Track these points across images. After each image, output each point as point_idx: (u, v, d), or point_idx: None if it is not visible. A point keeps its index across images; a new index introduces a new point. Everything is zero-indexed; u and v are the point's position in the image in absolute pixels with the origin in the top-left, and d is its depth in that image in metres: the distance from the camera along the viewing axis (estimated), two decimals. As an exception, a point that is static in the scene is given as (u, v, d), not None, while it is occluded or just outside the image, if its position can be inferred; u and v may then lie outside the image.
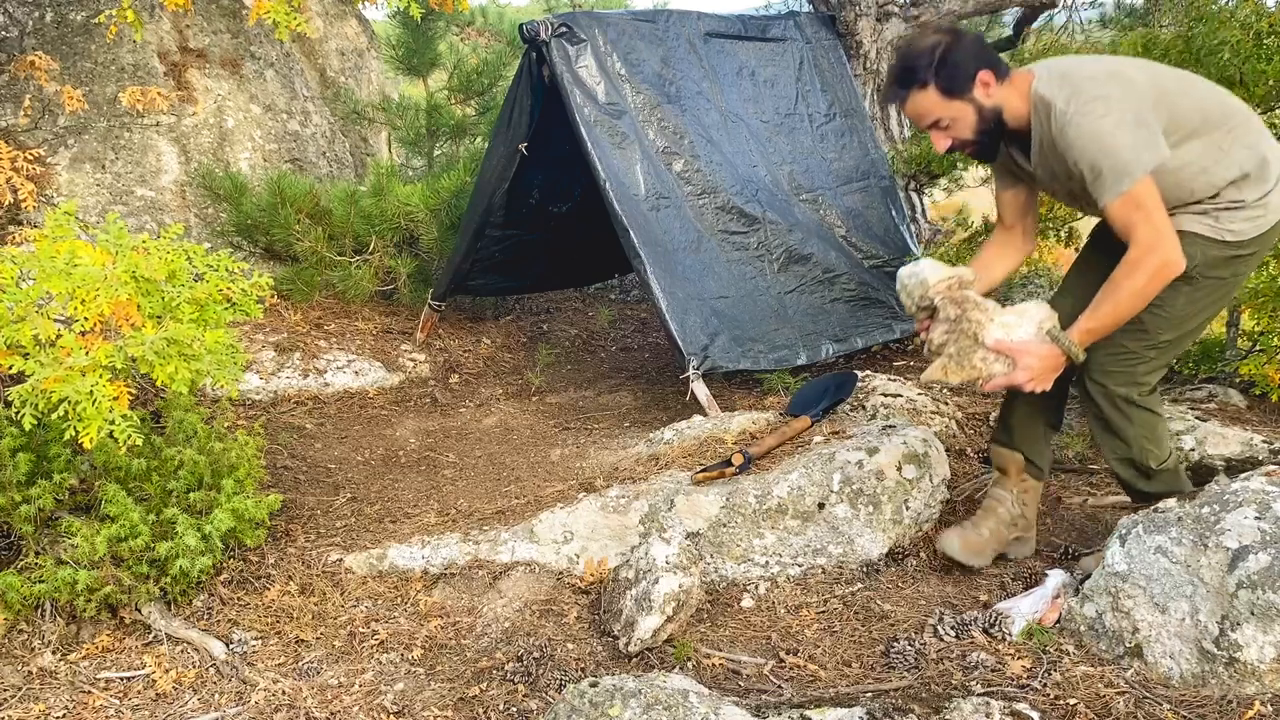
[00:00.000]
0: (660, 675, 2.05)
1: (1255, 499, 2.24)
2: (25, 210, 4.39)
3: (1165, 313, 2.42)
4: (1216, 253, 2.38)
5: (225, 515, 2.67)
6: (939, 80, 2.38)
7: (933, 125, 2.47)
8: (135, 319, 2.37)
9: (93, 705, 2.38)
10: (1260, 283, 3.92)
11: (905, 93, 2.44)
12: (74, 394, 2.21)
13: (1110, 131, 2.26)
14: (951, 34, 2.44)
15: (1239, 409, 3.89)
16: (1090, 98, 2.29)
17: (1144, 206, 2.26)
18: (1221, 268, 2.42)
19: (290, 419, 4.37)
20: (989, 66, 2.40)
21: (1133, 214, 2.27)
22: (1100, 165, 2.27)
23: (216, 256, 2.68)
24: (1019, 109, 2.43)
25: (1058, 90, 2.34)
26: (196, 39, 5.90)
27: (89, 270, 2.34)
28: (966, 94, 2.40)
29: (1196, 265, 2.37)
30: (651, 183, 4.44)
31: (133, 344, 2.30)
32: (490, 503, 3.37)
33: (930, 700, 2.11)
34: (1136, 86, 2.32)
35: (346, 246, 5.43)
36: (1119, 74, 2.35)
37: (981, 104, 2.42)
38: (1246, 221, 2.37)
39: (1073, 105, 2.30)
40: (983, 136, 2.46)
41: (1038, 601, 2.48)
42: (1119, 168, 2.25)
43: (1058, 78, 2.37)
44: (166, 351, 2.33)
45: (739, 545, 2.86)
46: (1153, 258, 2.27)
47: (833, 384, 3.71)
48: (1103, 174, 2.27)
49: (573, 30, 4.44)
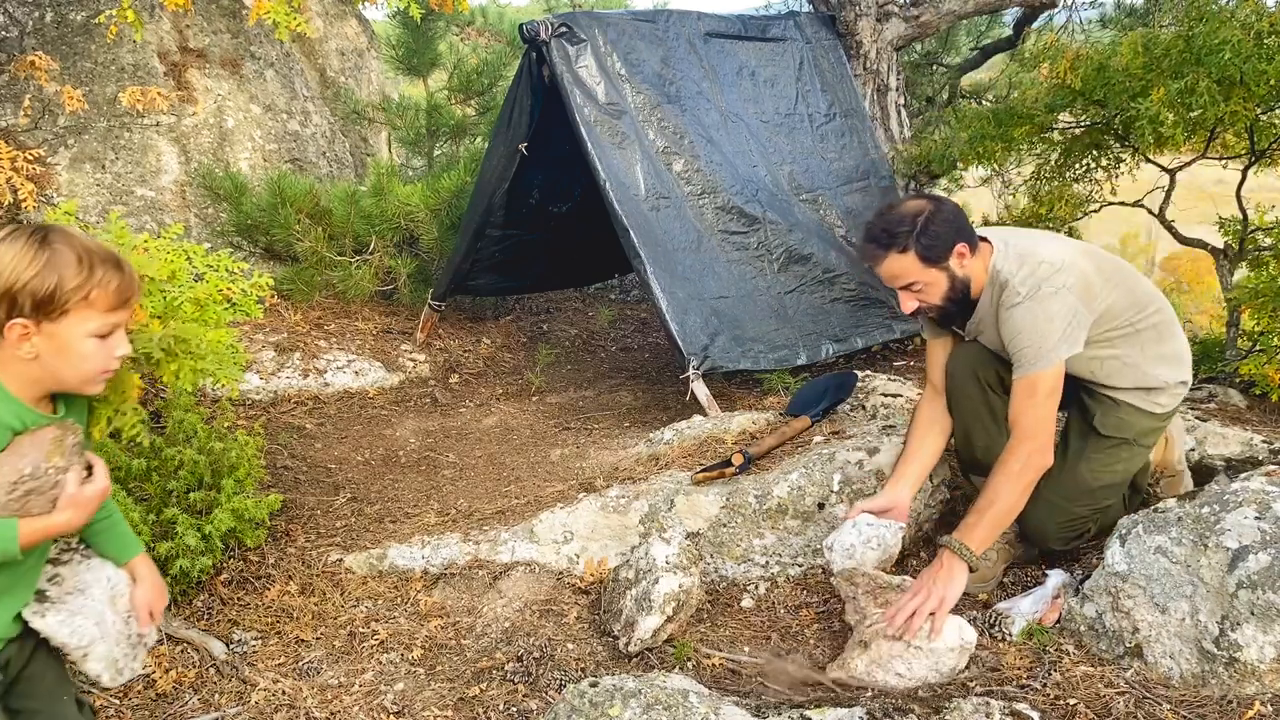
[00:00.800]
0: (660, 675, 2.04)
1: (1255, 499, 2.24)
2: (25, 210, 4.39)
3: (1111, 476, 2.62)
4: (1148, 423, 2.63)
5: (225, 515, 2.68)
6: (919, 247, 2.45)
7: (904, 287, 2.53)
8: (139, 316, 2.37)
9: (92, 705, 2.38)
10: (1260, 283, 3.92)
11: (884, 254, 2.49)
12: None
13: (1048, 320, 2.40)
14: (934, 202, 2.51)
15: (1239, 409, 3.89)
16: (1043, 285, 2.42)
17: (1037, 394, 2.41)
18: (1151, 435, 2.67)
19: (290, 419, 4.37)
20: (965, 239, 2.48)
21: (1026, 399, 2.43)
22: (1025, 345, 2.42)
23: (216, 256, 2.68)
24: (980, 279, 2.54)
25: (1015, 269, 2.47)
26: (196, 39, 5.90)
27: None
28: (943, 263, 2.48)
29: (1136, 433, 2.62)
30: (651, 183, 4.44)
31: (141, 340, 2.30)
32: (490, 503, 3.37)
33: (930, 700, 2.11)
34: (1086, 279, 2.48)
35: (346, 246, 5.43)
36: (1073, 265, 2.48)
37: (955, 274, 2.50)
38: (1170, 398, 2.63)
39: (1026, 288, 2.43)
40: (949, 304, 2.54)
41: (1038, 601, 2.48)
42: (1040, 349, 2.41)
43: (1015, 257, 2.50)
44: (174, 349, 2.33)
45: (739, 545, 2.86)
46: (1025, 446, 2.41)
47: (833, 384, 3.71)
48: (1026, 353, 2.42)
49: (573, 30, 4.44)
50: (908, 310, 2.57)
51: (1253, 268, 4.24)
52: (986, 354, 2.67)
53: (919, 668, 2.25)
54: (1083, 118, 4.68)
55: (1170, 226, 4.73)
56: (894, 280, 2.53)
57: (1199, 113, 3.92)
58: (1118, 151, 4.72)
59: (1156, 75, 4.00)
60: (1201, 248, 4.62)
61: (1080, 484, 2.62)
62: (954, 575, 2.33)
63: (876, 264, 2.53)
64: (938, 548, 2.43)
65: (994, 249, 2.52)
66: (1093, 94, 4.29)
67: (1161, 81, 3.95)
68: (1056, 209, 4.76)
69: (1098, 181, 4.87)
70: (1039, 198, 4.89)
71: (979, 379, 2.68)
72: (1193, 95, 3.85)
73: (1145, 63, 4.05)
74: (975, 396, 2.69)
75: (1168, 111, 3.92)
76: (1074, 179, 4.89)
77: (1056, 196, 4.78)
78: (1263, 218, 4.38)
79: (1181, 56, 3.95)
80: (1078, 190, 4.88)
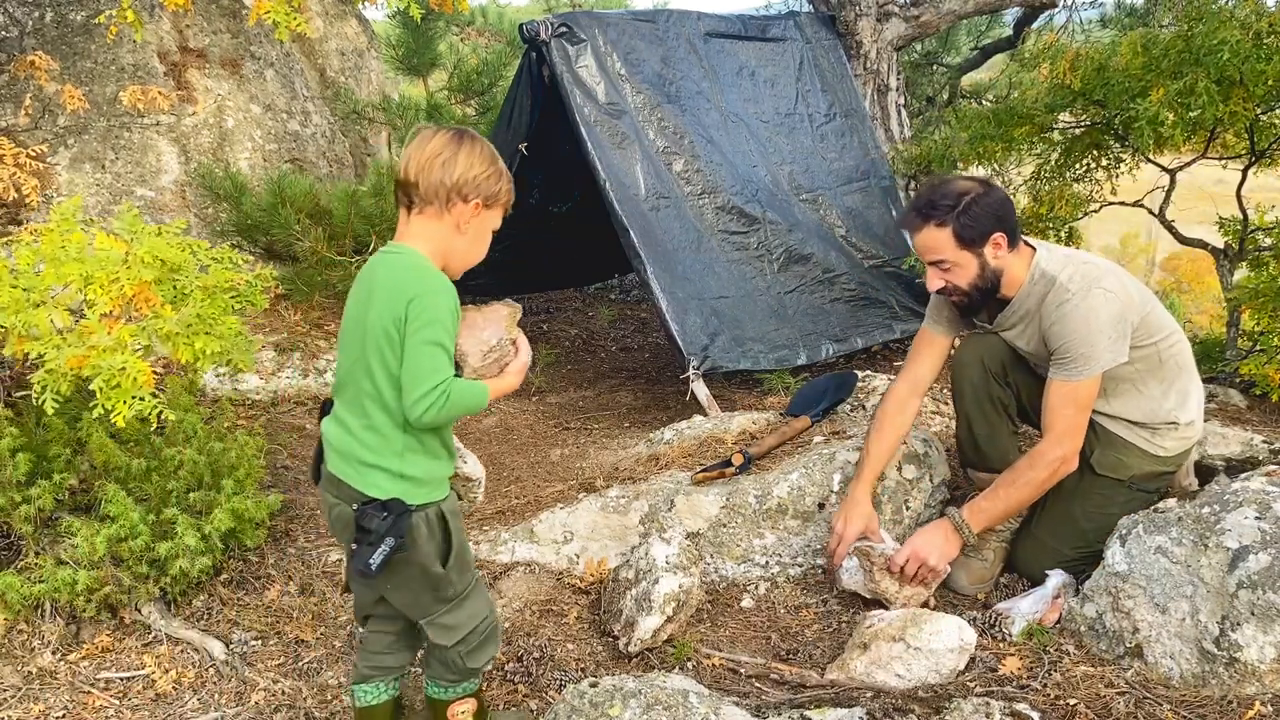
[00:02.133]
0: (660, 675, 2.04)
1: (1255, 499, 2.24)
2: (29, 208, 4.39)
3: (1103, 519, 2.54)
4: (1148, 466, 2.61)
5: (225, 515, 2.67)
6: (957, 225, 2.46)
7: (935, 263, 2.54)
8: (155, 301, 2.39)
9: (92, 705, 2.38)
10: (1260, 282, 3.92)
11: (922, 224, 2.51)
12: (107, 370, 2.20)
13: (1098, 324, 2.41)
14: (985, 187, 2.52)
15: (1239, 409, 3.89)
16: (1095, 285, 2.42)
17: (1077, 402, 2.44)
18: (1151, 482, 2.64)
19: (290, 419, 4.37)
20: (1006, 231, 2.48)
21: (1066, 405, 2.44)
22: (1074, 349, 2.42)
23: (220, 250, 2.71)
24: (1017, 277, 2.53)
25: (1061, 268, 2.48)
26: (196, 39, 5.90)
27: (109, 254, 2.37)
28: (978, 247, 2.48)
29: (1133, 475, 2.60)
30: (651, 183, 4.44)
31: (160, 322, 2.32)
32: (490, 503, 3.37)
33: (930, 700, 2.10)
34: (1126, 289, 2.49)
35: (346, 246, 5.43)
36: (1115, 272, 2.51)
37: (987, 262, 2.50)
38: (1176, 441, 2.60)
39: (1075, 285, 2.44)
40: (975, 292, 2.54)
41: (1038, 601, 2.48)
42: (1089, 357, 2.41)
43: (1061, 258, 2.52)
44: (196, 328, 2.35)
45: (739, 545, 2.86)
46: (1057, 450, 2.45)
47: (833, 384, 3.71)
48: (1073, 358, 2.42)
49: (573, 30, 4.44)
50: (932, 288, 2.57)
51: (1253, 268, 4.24)
52: (999, 345, 2.66)
53: (918, 668, 2.25)
54: (1083, 118, 4.68)
55: (1170, 226, 4.73)
56: (926, 253, 2.54)
57: (1199, 113, 3.91)
58: (1118, 151, 4.72)
59: (1156, 75, 4.00)
60: (1201, 248, 4.62)
61: (1072, 523, 2.60)
62: (950, 545, 2.53)
63: (914, 232, 2.55)
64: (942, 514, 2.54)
65: (1036, 252, 2.53)
66: (1093, 94, 4.28)
67: (1161, 81, 3.95)
68: (1057, 209, 4.75)
69: (1098, 181, 4.87)
70: (1039, 198, 4.89)
71: (984, 365, 2.68)
72: (1192, 95, 3.85)
73: (1145, 63, 4.05)
74: (978, 382, 2.69)
75: (1167, 112, 3.91)
76: (1074, 179, 4.88)
77: (1056, 196, 4.77)
78: (1263, 218, 4.38)
79: (1181, 56, 3.94)
80: (1078, 190, 4.87)
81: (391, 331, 1.72)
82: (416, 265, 1.79)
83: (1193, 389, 2.63)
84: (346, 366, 1.82)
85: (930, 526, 2.60)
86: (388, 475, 1.78)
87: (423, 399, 1.70)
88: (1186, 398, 2.60)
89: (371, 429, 1.78)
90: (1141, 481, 2.62)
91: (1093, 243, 3.11)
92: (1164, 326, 2.56)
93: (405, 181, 1.80)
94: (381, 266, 1.82)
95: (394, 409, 1.76)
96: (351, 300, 1.84)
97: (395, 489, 1.78)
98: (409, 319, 1.71)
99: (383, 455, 1.78)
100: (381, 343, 1.74)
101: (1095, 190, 4.91)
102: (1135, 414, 2.58)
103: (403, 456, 1.79)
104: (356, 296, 1.83)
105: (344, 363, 1.83)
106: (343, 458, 1.82)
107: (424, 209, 1.81)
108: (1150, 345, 2.53)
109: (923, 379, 2.80)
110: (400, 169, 1.81)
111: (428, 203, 1.80)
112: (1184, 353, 2.61)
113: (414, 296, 1.72)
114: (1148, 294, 2.60)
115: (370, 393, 1.77)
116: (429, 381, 1.70)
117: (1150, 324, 2.52)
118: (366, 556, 1.72)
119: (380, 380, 1.75)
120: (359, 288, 1.83)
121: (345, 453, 1.81)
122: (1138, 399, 2.57)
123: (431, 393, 1.70)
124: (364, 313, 1.77)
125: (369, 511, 1.75)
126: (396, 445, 1.79)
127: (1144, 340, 2.51)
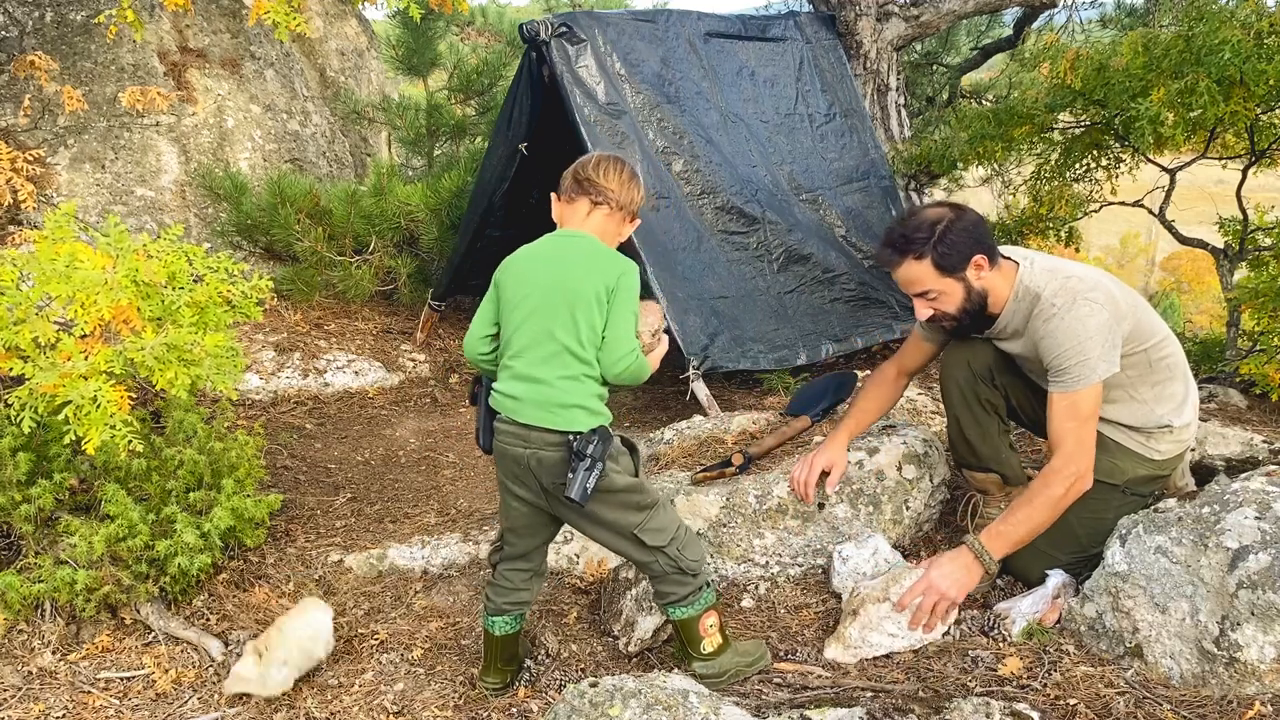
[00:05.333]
0: (660, 675, 2.04)
1: (1255, 499, 2.24)
2: (25, 211, 4.39)
3: (1098, 524, 2.52)
4: (1142, 470, 2.60)
5: (224, 514, 2.67)
6: (935, 255, 2.44)
7: (920, 295, 2.52)
8: (135, 322, 2.36)
9: (92, 705, 2.38)
10: (1260, 282, 3.92)
11: (900, 259, 2.49)
12: (78, 398, 2.21)
13: (1087, 335, 2.39)
14: (955, 211, 2.50)
15: (1239, 409, 3.89)
16: (1079, 298, 2.41)
17: (1079, 414, 2.40)
18: (1146, 485, 2.63)
19: (290, 419, 4.37)
20: (984, 251, 2.47)
21: (1069, 419, 2.41)
22: (1067, 362, 2.40)
23: (216, 258, 2.67)
24: (1002, 294, 2.52)
25: (1045, 282, 2.46)
26: (196, 39, 5.90)
27: (89, 274, 2.33)
28: (959, 273, 2.47)
29: (1127, 480, 2.59)
30: (651, 182, 4.44)
31: (132, 349, 2.30)
32: (490, 503, 3.37)
33: (930, 700, 2.10)
34: (1113, 298, 2.46)
35: (346, 246, 5.43)
36: (1100, 283, 2.48)
37: (971, 285, 2.49)
38: (1170, 445, 2.59)
39: (1060, 299, 2.42)
40: (965, 315, 2.53)
41: (1038, 601, 2.48)
42: (1083, 365, 2.39)
43: (1043, 272, 2.49)
44: (166, 357, 2.33)
45: (739, 545, 2.86)
46: (1071, 467, 2.40)
47: (833, 384, 3.71)
48: (1068, 370, 2.40)
49: (573, 30, 4.44)
50: (922, 318, 2.56)
51: (1253, 268, 4.24)
52: (986, 349, 2.66)
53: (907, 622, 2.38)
54: (1083, 118, 4.68)
55: (1170, 226, 4.73)
56: (910, 286, 2.53)
57: (1199, 113, 3.91)
58: (1118, 151, 4.72)
59: (1156, 75, 4.00)
60: (1201, 248, 4.62)
61: (1066, 528, 2.54)
62: (970, 576, 2.41)
63: (893, 269, 2.52)
64: (961, 544, 2.45)
65: (1019, 266, 2.51)
66: (1093, 94, 4.28)
67: (1161, 81, 3.95)
68: (1056, 209, 4.75)
69: (1098, 181, 4.87)
70: (1039, 197, 4.89)
71: (970, 368, 2.67)
72: (1193, 95, 3.85)
73: (1145, 63, 4.05)
74: (965, 385, 2.68)
75: (1168, 111, 3.91)
76: (1074, 179, 4.88)
77: (1056, 196, 4.77)
78: (1263, 218, 4.38)
79: (1181, 56, 3.94)
80: (1078, 190, 4.87)
81: (603, 296, 2.09)
82: (608, 248, 2.19)
83: (1186, 392, 2.62)
84: (537, 330, 2.11)
85: (947, 556, 2.46)
86: (586, 412, 2.11)
87: (624, 358, 2.10)
88: (1180, 401, 2.60)
89: (569, 378, 2.10)
90: (1136, 485, 2.61)
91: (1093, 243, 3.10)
92: (1155, 331, 2.54)
93: (603, 187, 2.21)
94: (572, 245, 2.18)
95: (589, 360, 2.10)
96: (536, 273, 2.15)
97: (594, 421, 2.11)
98: (618, 289, 2.10)
99: (582, 397, 2.11)
100: (591, 304, 2.08)
101: (1095, 190, 4.91)
102: (1129, 419, 2.58)
103: (597, 395, 2.14)
104: (545, 270, 2.15)
105: (533, 327, 2.12)
106: (539, 406, 2.10)
107: (613, 212, 2.22)
108: (1140, 351, 2.51)
109: (911, 366, 2.85)
110: (598, 175, 2.23)
111: (619, 208, 2.22)
112: (1176, 356, 2.59)
113: (624, 271, 2.12)
114: (1137, 299, 2.58)
115: (571, 347, 2.09)
116: (630, 344, 2.11)
117: (1140, 329, 2.51)
118: (584, 481, 2.04)
119: (584, 335, 2.09)
120: (540, 263, 2.17)
121: (542, 401, 2.10)
122: (1131, 404, 2.56)
123: (630, 354, 2.11)
124: (562, 280, 2.11)
125: (586, 436, 2.07)
126: (592, 388, 2.12)
127: (1134, 347, 2.50)
